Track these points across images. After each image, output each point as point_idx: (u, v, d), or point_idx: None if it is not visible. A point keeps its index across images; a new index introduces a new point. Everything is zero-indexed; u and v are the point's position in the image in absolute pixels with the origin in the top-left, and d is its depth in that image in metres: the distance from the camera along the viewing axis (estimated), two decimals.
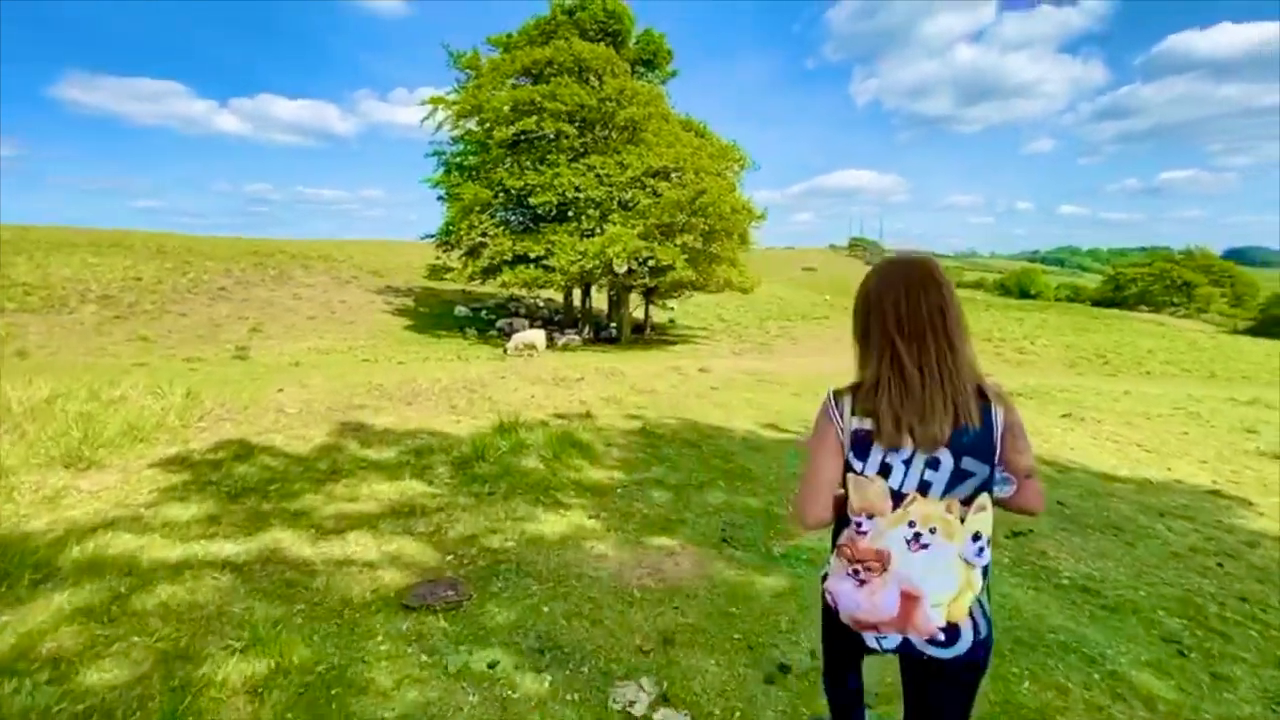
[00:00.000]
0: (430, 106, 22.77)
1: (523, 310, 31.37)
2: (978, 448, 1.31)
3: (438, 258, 23.92)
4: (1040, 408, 10.36)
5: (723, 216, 19.74)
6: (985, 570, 1.36)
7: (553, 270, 19.33)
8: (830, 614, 1.48)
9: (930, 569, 1.32)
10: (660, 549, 3.55)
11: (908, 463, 1.31)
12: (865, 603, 1.36)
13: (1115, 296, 68.38)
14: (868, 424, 1.33)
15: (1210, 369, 25.81)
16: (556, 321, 29.03)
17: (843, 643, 1.50)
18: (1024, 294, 76.40)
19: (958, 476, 1.31)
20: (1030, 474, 1.40)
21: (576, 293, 27.27)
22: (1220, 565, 3.96)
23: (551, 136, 20.82)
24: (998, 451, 1.33)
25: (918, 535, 1.32)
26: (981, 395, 1.33)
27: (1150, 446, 7.58)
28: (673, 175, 20.94)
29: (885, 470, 1.32)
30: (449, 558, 3.30)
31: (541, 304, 34.48)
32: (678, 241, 19.52)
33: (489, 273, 21.49)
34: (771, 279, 43.15)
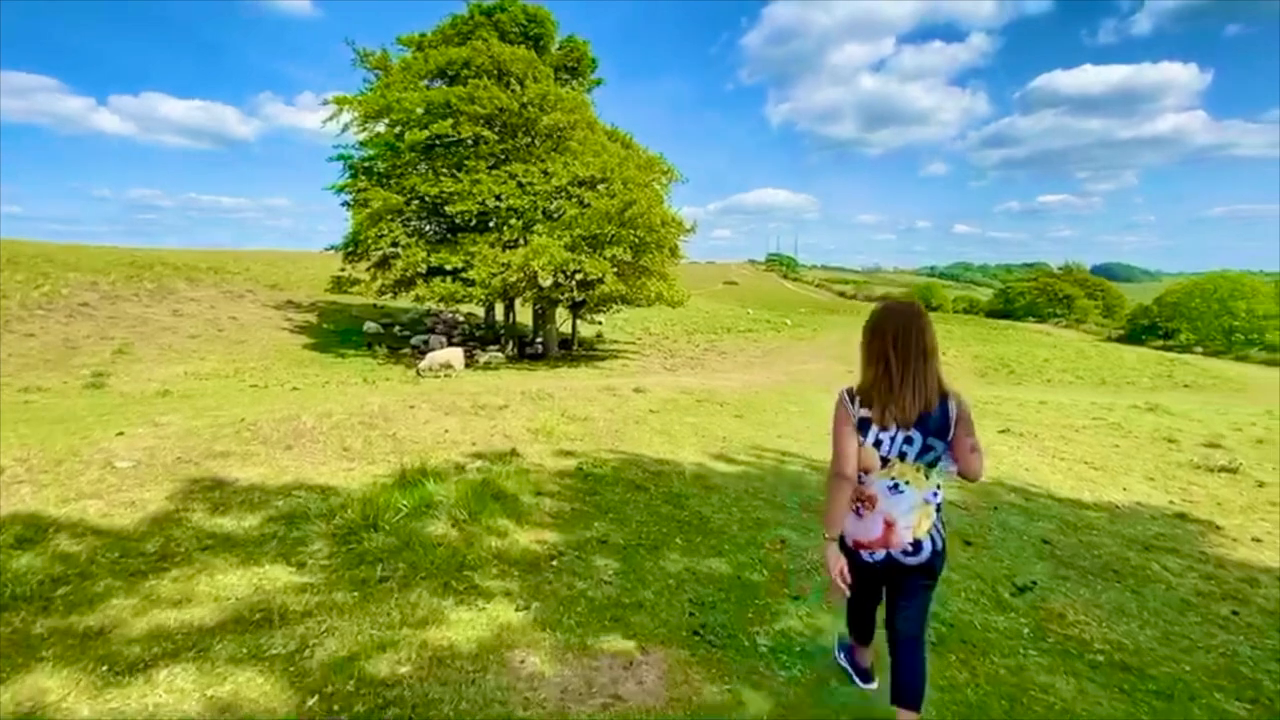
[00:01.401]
0: (334, 107, 20.92)
1: (440, 326, 29.56)
2: (939, 430, 2.00)
3: (342, 269, 21.93)
4: (977, 421, 10.24)
5: (652, 228, 19.15)
6: (939, 506, 2.11)
7: (472, 284, 18.01)
8: (843, 540, 2.13)
9: (902, 506, 2.06)
10: (615, 655, 2.66)
11: (891, 438, 2.01)
12: (861, 528, 2.10)
13: (1006, 308, 74.12)
14: (865, 412, 2.02)
15: (1099, 375, 27.72)
16: (478, 337, 27.47)
17: (853, 572, 2.09)
18: (927, 307, 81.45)
19: (925, 449, 2.02)
20: (974, 449, 2.02)
21: (499, 307, 25.90)
22: (1235, 614, 3.53)
23: (470, 141, 19.56)
24: (952, 433, 2.00)
25: (895, 485, 2.05)
26: (944, 395, 2.00)
27: (1097, 464, 7.46)
28: (600, 185, 20.18)
29: (877, 443, 2.02)
30: (312, 701, 2.27)
31: (461, 319, 32.71)
32: (607, 254, 18.73)
33: (402, 286, 19.83)
34: (695, 292, 43.27)
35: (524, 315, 28.97)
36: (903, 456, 2.02)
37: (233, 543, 3.56)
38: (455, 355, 16.14)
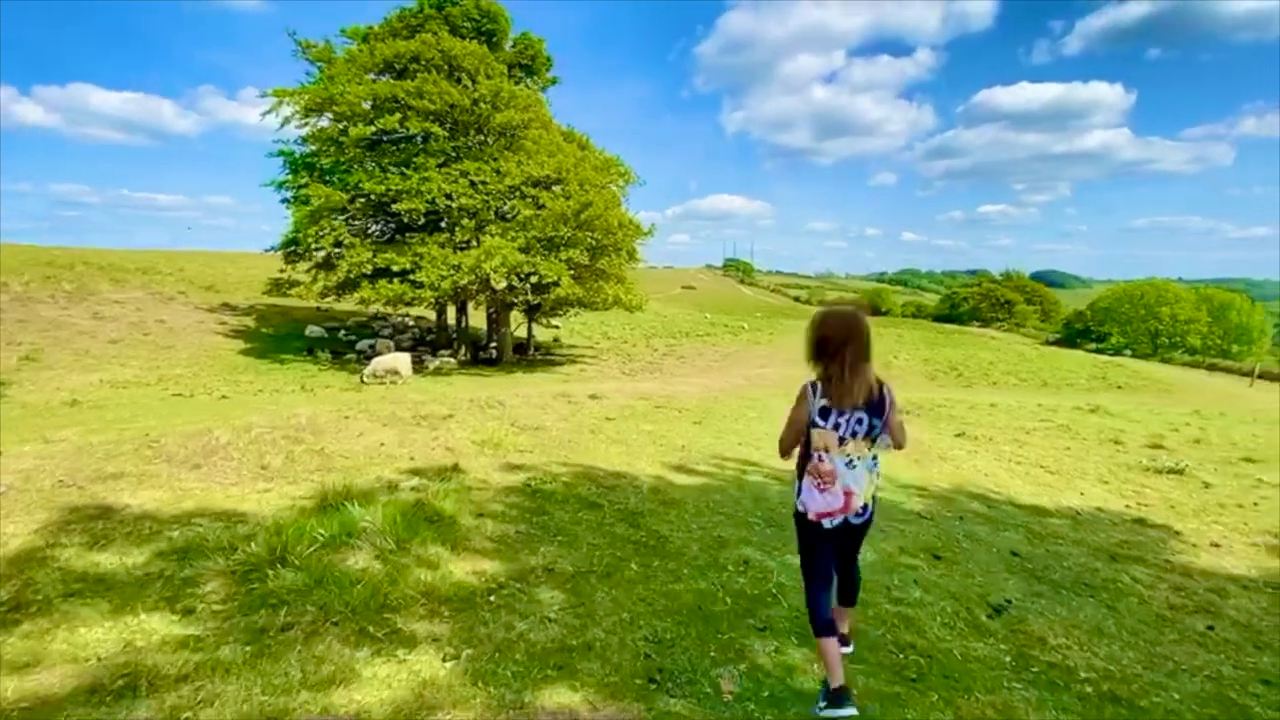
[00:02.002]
0: (273, 99, 19.82)
1: (388, 330, 28.44)
2: (877, 412, 2.39)
3: (281, 270, 20.77)
4: (933, 425, 10.29)
5: (609, 231, 18.80)
6: (877, 474, 2.51)
7: (421, 286, 17.26)
8: (801, 516, 2.53)
9: (857, 478, 2.42)
10: (558, 714, 2.27)
11: (845, 421, 2.38)
12: (824, 501, 2.44)
13: (952, 313, 76.80)
14: (825, 401, 2.38)
15: (1041, 377, 28.77)
16: (428, 342, 26.53)
17: (812, 538, 2.54)
18: (876, 311, 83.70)
19: (869, 428, 2.40)
20: (900, 425, 2.53)
21: (451, 310, 25.05)
22: (1211, 629, 3.40)
23: (419, 138, 18.81)
24: (886, 414, 2.41)
25: (850, 461, 2.41)
26: (879, 384, 2.42)
27: (1052, 467, 7.47)
28: (555, 186, 19.71)
29: (835, 426, 2.38)
30: None
31: (412, 322, 31.61)
32: (563, 256, 18.25)
33: (345, 288, 18.88)
34: (654, 296, 43.11)
35: (478, 319, 28.14)
36: (854, 435, 2.40)
37: (107, 586, 3.01)
38: (402, 361, 15.38)
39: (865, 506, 2.51)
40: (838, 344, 2.35)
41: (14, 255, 29.92)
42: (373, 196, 18.01)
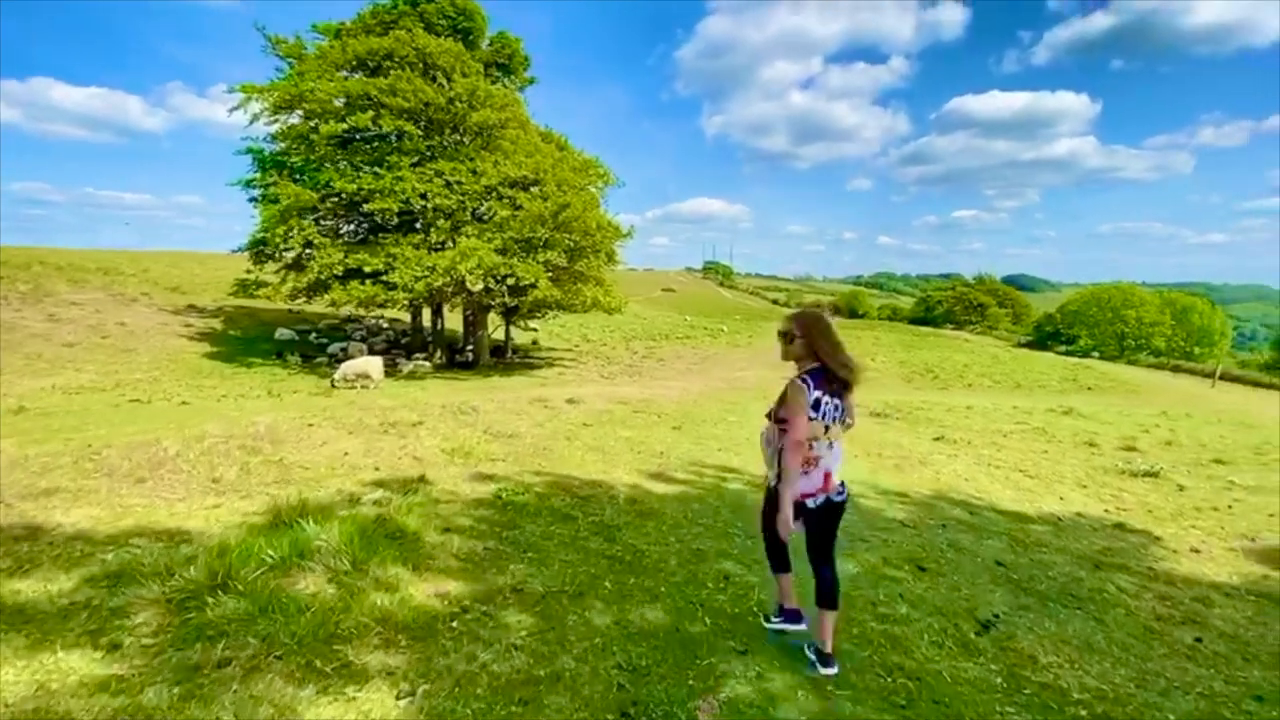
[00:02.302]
0: (241, 95, 19.24)
1: (361, 333, 27.83)
2: (845, 397, 2.69)
3: (248, 270, 20.16)
4: (912, 429, 10.26)
5: (588, 232, 18.57)
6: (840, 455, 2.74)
7: (394, 287, 16.86)
8: (773, 494, 2.77)
9: (836, 460, 2.69)
10: None
11: (829, 410, 2.63)
12: (807, 482, 2.64)
13: (926, 316, 77.97)
14: (817, 394, 2.58)
15: (1014, 379, 29.21)
16: (403, 345, 26.01)
17: (796, 509, 2.67)
18: (853, 314, 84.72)
19: (844, 414, 2.71)
20: (854, 407, 2.77)
21: (427, 313, 24.58)
22: (1200, 641, 3.32)
23: (392, 136, 18.40)
24: (849, 397, 2.71)
25: (831, 444, 2.67)
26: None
27: (1031, 471, 7.45)
28: (533, 188, 19.43)
29: (823, 415, 2.61)
30: None
31: (386, 325, 31.01)
32: (540, 258, 17.98)
33: (316, 290, 18.37)
34: (633, 299, 42.95)
35: (455, 321, 27.67)
36: (834, 422, 2.67)
37: (26, 617, 2.73)
38: (373, 364, 14.97)
39: (842, 486, 2.75)
40: (824, 337, 2.67)
41: None
42: (344, 196, 17.56)
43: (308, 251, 17.98)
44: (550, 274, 18.57)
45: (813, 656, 2.78)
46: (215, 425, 6.09)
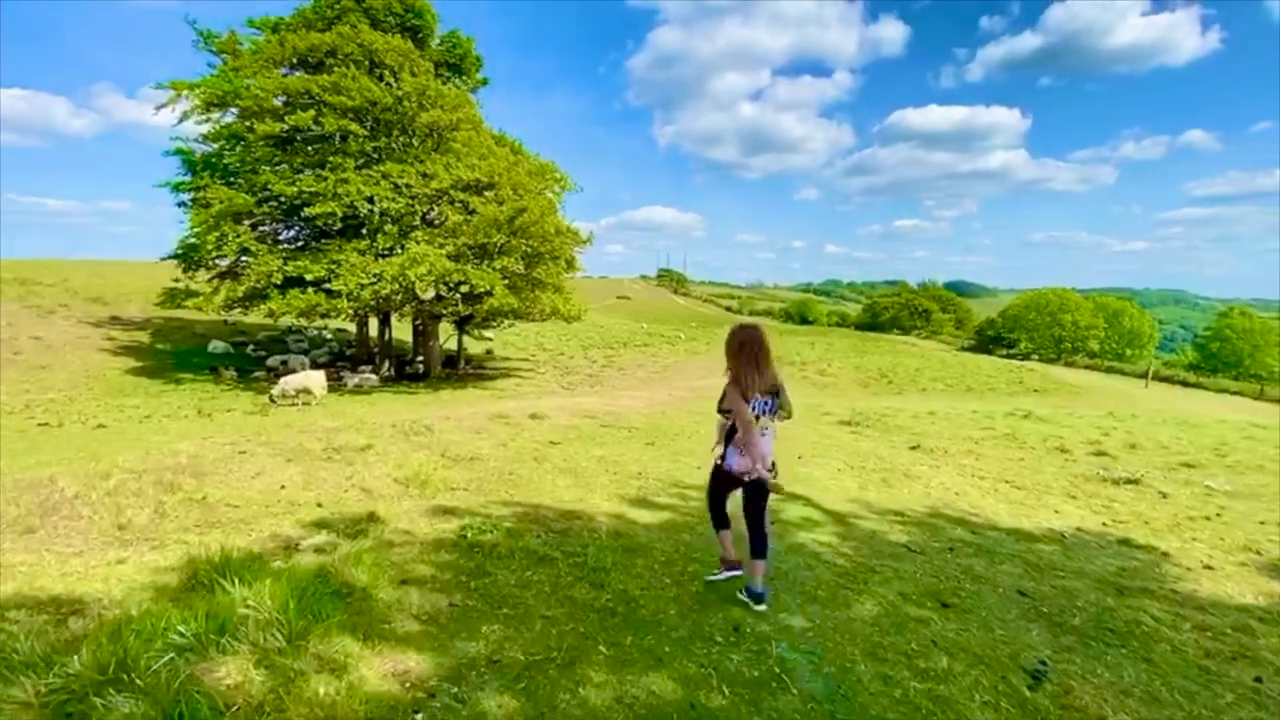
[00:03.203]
0: (169, 92, 17.84)
1: (304, 344, 26.32)
2: (776, 396, 3.37)
3: (176, 280, 18.67)
4: (886, 438, 10.06)
5: (546, 238, 17.95)
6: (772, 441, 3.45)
7: (338, 296, 15.82)
8: (720, 470, 3.52)
9: (767, 443, 3.38)
10: None
11: (761, 404, 3.32)
12: (743, 462, 3.34)
13: (873, 321, 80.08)
14: (744, 389, 3.30)
15: (964, 383, 29.97)
16: (348, 357, 24.69)
17: (724, 484, 3.56)
18: (804, 320, 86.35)
19: (772, 409, 3.36)
20: (789, 404, 3.47)
21: (374, 323, 23.38)
22: (1259, 681, 3.02)
23: (336, 137, 17.36)
24: (782, 397, 3.39)
25: (763, 431, 3.35)
26: (776, 379, 3.39)
27: (1016, 481, 7.28)
28: (487, 192, 18.67)
29: (754, 409, 3.30)
30: None
31: (330, 336, 29.49)
32: (496, 265, 17.23)
33: (252, 299, 17.11)
34: (589, 306, 42.43)
35: (404, 331, 26.47)
36: (763, 414, 3.35)
37: None
38: (315, 379, 13.93)
39: (773, 465, 3.46)
40: (752, 350, 3.38)
41: None
42: (283, 199, 16.42)
43: (243, 259, 16.72)
44: (507, 281, 17.85)
45: (745, 598, 3.47)
46: (128, 456, 5.24)
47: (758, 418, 3.32)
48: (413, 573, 3.53)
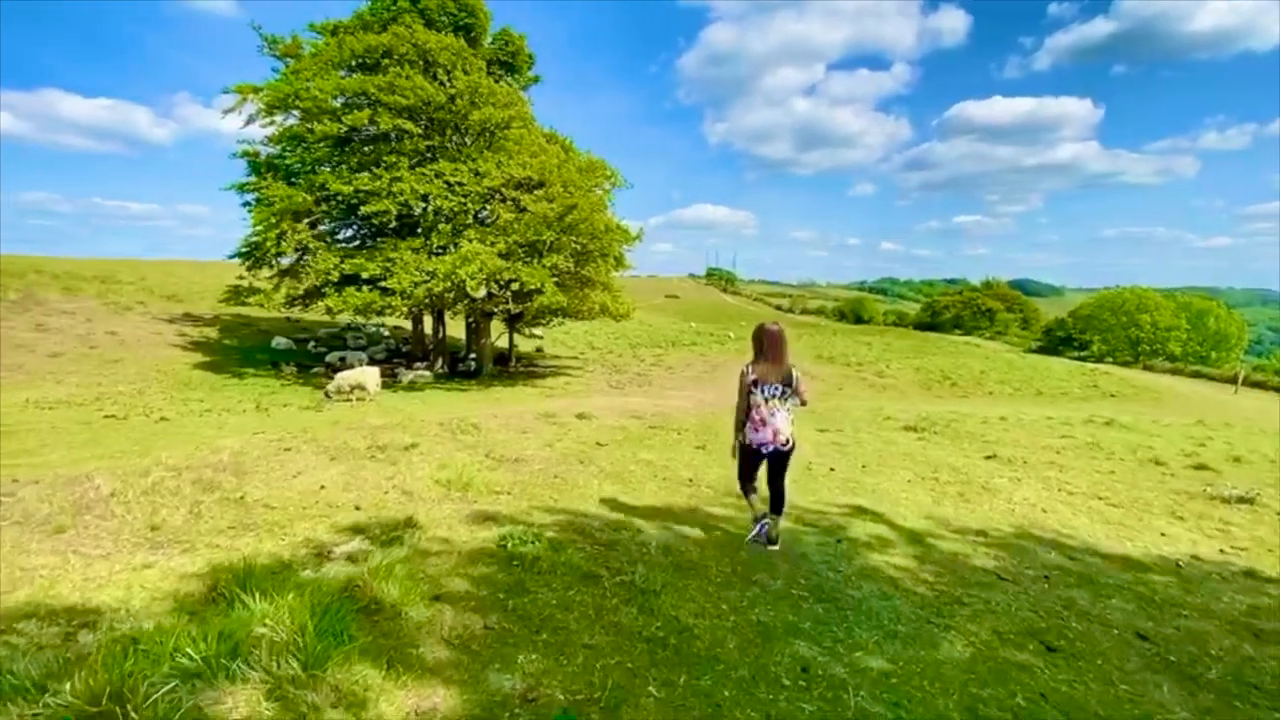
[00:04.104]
0: (236, 97, 18.53)
1: (362, 341, 27.02)
2: (788, 383, 4.10)
3: (240, 277, 19.37)
4: (957, 446, 9.33)
5: (595, 235, 17.73)
6: (792, 420, 4.15)
7: (392, 293, 16.02)
8: (745, 446, 4.20)
9: (779, 421, 4.06)
10: None
11: (770, 388, 4.07)
12: (760, 436, 4.08)
13: (933, 321, 76.90)
14: (755, 376, 4.09)
15: (1034, 386, 28.24)
16: (404, 353, 25.19)
17: (750, 457, 4.25)
18: (858, 319, 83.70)
19: (783, 395, 4.09)
20: (803, 390, 4.17)
21: (429, 320, 23.76)
22: None
23: (391, 136, 17.62)
24: (795, 384, 4.11)
25: (773, 412, 4.06)
26: (791, 368, 4.14)
27: (1111, 498, 6.52)
28: (537, 190, 18.61)
29: (764, 393, 4.06)
30: None
31: (387, 333, 30.22)
32: (546, 262, 17.13)
33: (311, 296, 17.56)
34: (638, 305, 42.14)
35: (457, 329, 26.84)
36: (773, 398, 4.08)
37: None
38: (369, 375, 14.12)
39: (787, 439, 4.09)
40: (767, 343, 4.15)
41: None
42: (340, 198, 16.76)
43: (303, 257, 17.17)
44: (556, 279, 17.72)
45: (764, 541, 4.25)
46: (173, 453, 5.21)
47: (769, 400, 4.08)
48: (447, 588, 3.26)
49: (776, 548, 4.17)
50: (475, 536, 4.00)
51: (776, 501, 4.30)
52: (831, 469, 6.94)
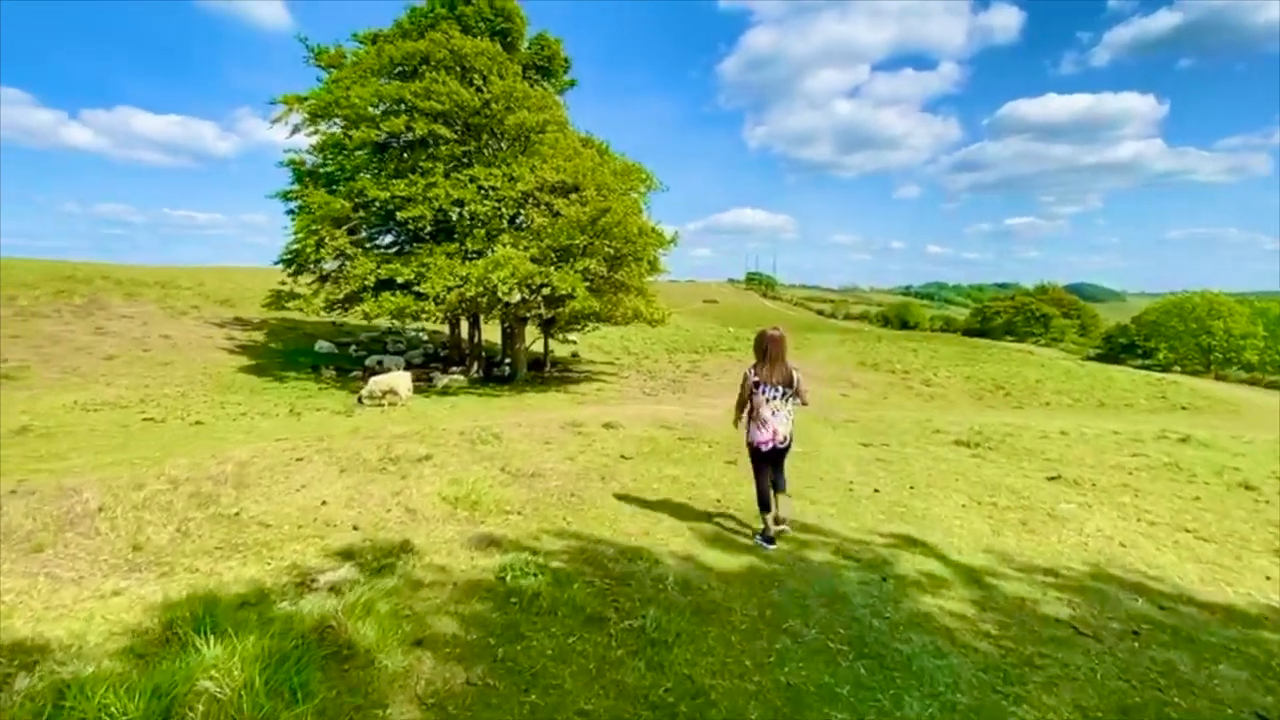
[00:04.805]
0: (282, 107, 18.94)
1: (402, 345, 27.38)
2: (789, 384, 4.45)
3: (282, 283, 19.75)
4: (1014, 463, 8.55)
5: (629, 239, 17.39)
6: (792, 420, 4.58)
7: (425, 298, 16.01)
8: (752, 445, 4.56)
9: (779, 422, 4.44)
10: None
11: (773, 389, 4.40)
12: (762, 434, 4.45)
13: (983, 327, 73.89)
14: (757, 378, 4.43)
15: (1095, 397, 26.58)
16: (442, 358, 25.37)
17: (757, 458, 4.56)
18: (904, 324, 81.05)
19: (785, 396, 4.46)
20: (804, 391, 4.58)
21: (465, 325, 23.86)
22: None
23: (429, 142, 17.68)
24: (795, 385, 4.48)
25: (774, 412, 4.42)
26: (792, 369, 4.50)
27: (1200, 531, 5.74)
28: (571, 194, 18.41)
29: (766, 394, 4.40)
30: None
31: (426, 337, 30.61)
32: (578, 266, 16.88)
33: (349, 301, 17.74)
34: (675, 311, 41.62)
35: (494, 333, 26.92)
36: (775, 398, 4.40)
37: None
38: (401, 380, 14.08)
39: (785, 438, 4.51)
40: (769, 347, 4.47)
41: (37, 270, 29.73)
42: (376, 204, 16.88)
43: (339, 262, 17.37)
44: (589, 283, 17.45)
45: (774, 524, 4.57)
46: (179, 462, 5.04)
47: (771, 400, 4.41)
48: (433, 628, 2.89)
49: (786, 528, 4.61)
50: (474, 565, 3.64)
51: (780, 483, 4.71)
52: (876, 490, 6.35)
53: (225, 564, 3.44)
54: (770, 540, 4.46)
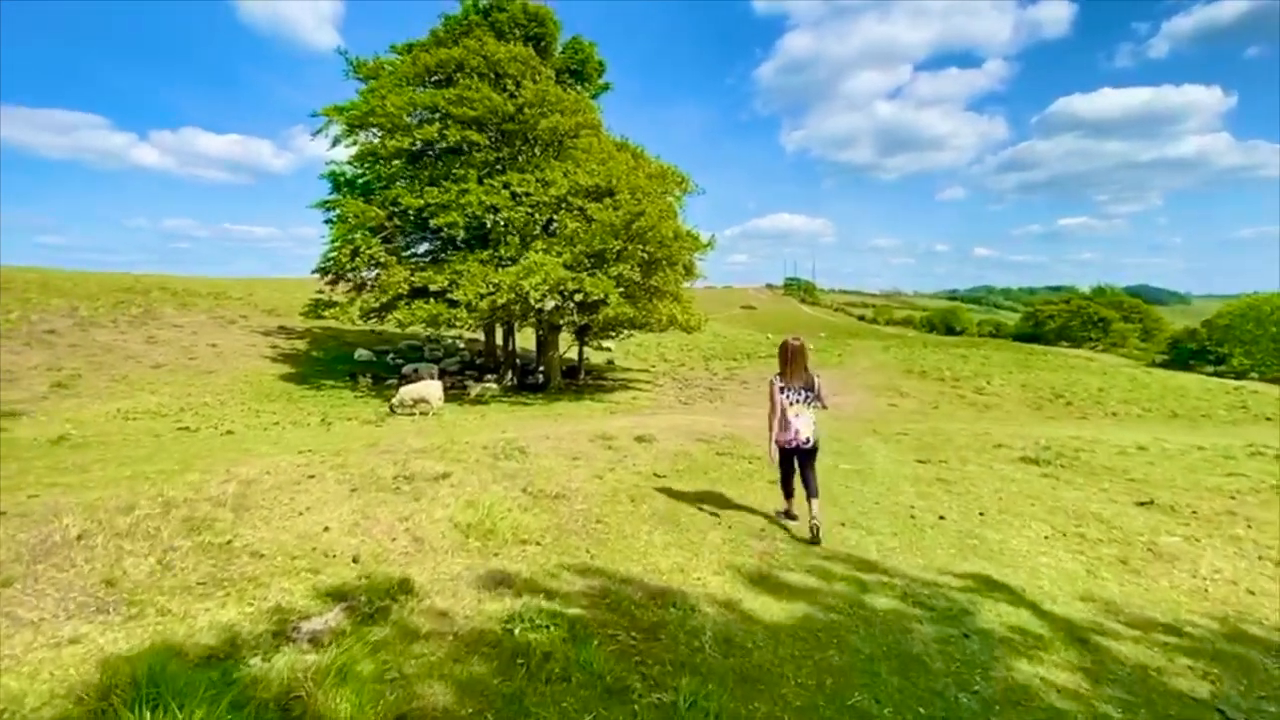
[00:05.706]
0: (324, 119, 19.20)
1: (439, 353, 27.47)
2: (811, 390, 5.06)
3: (319, 291, 19.94)
4: (1096, 487, 7.64)
5: (663, 243, 16.89)
6: (815, 422, 5.06)
7: (458, 305, 15.83)
8: (778, 444, 5.08)
9: (801, 423, 4.98)
10: None
11: (795, 393, 5.01)
12: (786, 435, 4.99)
13: (1035, 332, 70.52)
14: (782, 383, 5.04)
15: (1167, 407, 24.72)
16: (477, 365, 25.31)
17: (783, 456, 5.21)
18: (950, 330, 78.08)
19: (806, 400, 5.03)
20: (824, 395, 5.20)
21: (499, 332, 23.74)
22: None
23: (462, 149, 17.58)
24: (817, 389, 5.08)
25: (797, 414, 4.99)
26: (813, 375, 5.14)
27: None
28: (605, 198, 18.05)
29: (789, 398, 5.00)
30: None
31: (462, 345, 30.69)
32: (612, 272, 16.45)
33: (384, 309, 17.73)
34: (712, 317, 40.84)
35: (529, 341, 26.77)
36: (797, 402, 4.93)
37: None
38: (432, 389, 13.85)
39: (808, 439, 4.95)
40: (791, 355, 5.05)
41: (100, 281, 31.09)
42: (410, 211, 16.83)
43: (374, 271, 17.39)
44: (623, 289, 17.00)
45: (810, 534, 4.76)
46: (176, 483, 4.72)
47: (794, 404, 4.92)
48: (420, 699, 2.40)
49: (821, 544, 4.66)
50: (480, 610, 3.14)
51: (810, 487, 4.97)
52: (940, 517, 5.63)
53: (202, 604, 3.04)
54: (792, 517, 5.21)
